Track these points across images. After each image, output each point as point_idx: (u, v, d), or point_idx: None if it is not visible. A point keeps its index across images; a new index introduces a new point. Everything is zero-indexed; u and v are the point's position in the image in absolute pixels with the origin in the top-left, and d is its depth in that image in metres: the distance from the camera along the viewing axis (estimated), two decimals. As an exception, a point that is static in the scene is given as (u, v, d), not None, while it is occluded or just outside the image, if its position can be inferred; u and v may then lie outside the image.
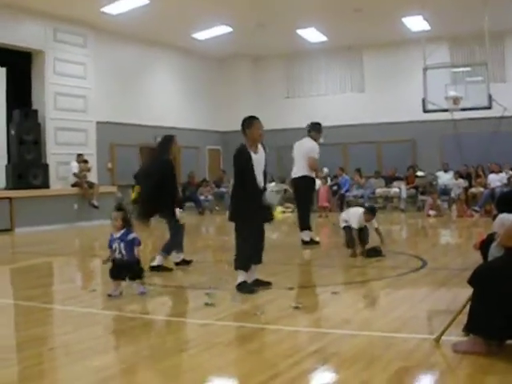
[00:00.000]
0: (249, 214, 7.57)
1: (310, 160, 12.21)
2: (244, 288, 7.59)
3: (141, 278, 7.67)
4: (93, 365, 4.88)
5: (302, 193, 12.63)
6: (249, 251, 7.69)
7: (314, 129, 12.62)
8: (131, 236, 7.62)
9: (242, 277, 7.69)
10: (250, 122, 7.88)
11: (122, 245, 7.60)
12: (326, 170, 22.55)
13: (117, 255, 7.65)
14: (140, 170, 9.94)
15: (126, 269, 7.56)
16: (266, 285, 7.95)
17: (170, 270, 9.78)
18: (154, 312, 6.75)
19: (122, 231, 7.65)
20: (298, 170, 12.52)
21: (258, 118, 7.94)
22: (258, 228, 7.77)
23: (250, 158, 7.66)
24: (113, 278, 7.65)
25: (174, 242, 9.93)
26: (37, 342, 5.68)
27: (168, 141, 10.02)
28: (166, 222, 9.95)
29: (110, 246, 7.73)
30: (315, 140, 12.53)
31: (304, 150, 12.40)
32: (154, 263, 9.78)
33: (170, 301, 7.78)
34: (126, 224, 7.68)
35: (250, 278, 7.87)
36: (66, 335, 5.90)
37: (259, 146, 7.87)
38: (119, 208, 7.90)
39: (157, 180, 9.53)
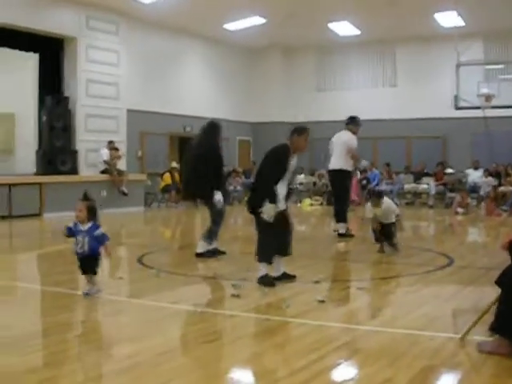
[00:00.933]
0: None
1: (353, 152, 12.29)
2: (265, 281, 7.57)
3: (94, 274, 6.99)
4: (119, 353, 4.93)
5: (339, 185, 12.75)
6: (271, 243, 7.65)
7: (352, 122, 12.71)
8: (99, 232, 6.94)
9: (264, 269, 7.67)
10: (302, 130, 7.87)
11: (87, 239, 6.90)
12: (365, 162, 22.35)
13: (78, 249, 6.94)
14: (189, 154, 9.95)
15: (87, 263, 6.97)
16: (290, 278, 7.95)
17: (222, 253, 9.98)
18: (180, 302, 6.77)
19: (90, 224, 6.95)
20: (336, 162, 12.60)
21: (309, 130, 7.97)
22: (284, 220, 7.75)
23: (289, 160, 7.64)
24: (83, 275, 7.08)
25: (216, 229, 10.01)
26: (63, 328, 5.74)
27: (217, 127, 10.04)
28: (208, 207, 10.03)
29: (70, 235, 7.04)
30: (353, 133, 12.61)
31: (342, 143, 12.48)
32: (199, 250, 9.89)
33: (196, 291, 7.79)
34: (92, 216, 7.01)
35: (276, 270, 7.89)
36: (92, 322, 5.97)
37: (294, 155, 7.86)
38: (85, 198, 7.14)
39: (206, 163, 9.62)
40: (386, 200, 10.51)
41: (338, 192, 12.94)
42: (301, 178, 24.96)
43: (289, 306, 6.52)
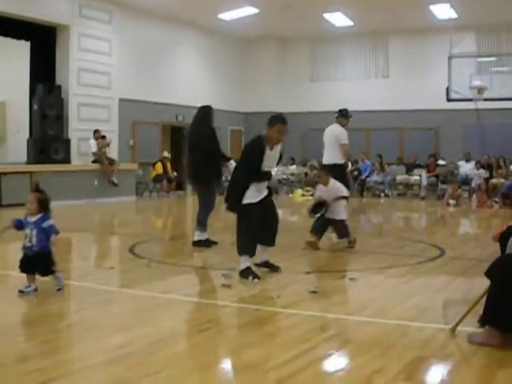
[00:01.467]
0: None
1: (345, 147, 12.24)
2: (247, 274, 7.44)
3: (52, 273, 6.60)
4: (111, 342, 4.93)
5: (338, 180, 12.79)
6: (252, 234, 7.59)
7: (341, 115, 12.64)
8: (48, 223, 6.50)
9: (245, 263, 7.57)
10: (273, 122, 7.62)
11: (35, 232, 6.45)
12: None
13: (27, 243, 6.50)
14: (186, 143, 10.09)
15: (36, 262, 6.50)
16: (275, 269, 7.94)
17: (213, 243, 10.04)
18: (172, 291, 6.77)
19: (39, 216, 6.51)
20: (329, 157, 12.54)
21: (284, 121, 7.64)
22: (266, 210, 7.75)
23: (262, 154, 7.54)
24: (24, 273, 6.60)
25: (205, 215, 10.02)
26: (55, 318, 5.74)
27: (206, 110, 10.10)
28: (199, 194, 10.12)
29: (17, 227, 6.59)
30: (343, 126, 12.56)
31: (333, 137, 12.45)
32: (195, 238, 9.93)
33: (187, 281, 7.80)
34: (43, 208, 6.56)
35: (259, 258, 7.87)
36: (84, 312, 5.96)
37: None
38: (36, 189, 6.74)
39: (199, 149, 9.76)
40: (334, 181, 10.31)
41: None
42: (292, 168, 25.00)
43: (279, 297, 6.54)
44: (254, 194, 7.53)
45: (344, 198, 10.22)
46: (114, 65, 21.03)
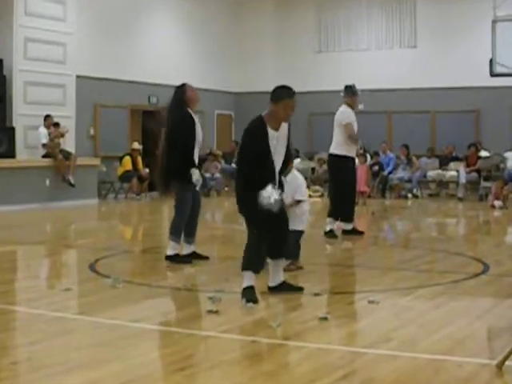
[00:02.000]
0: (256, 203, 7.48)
1: (348, 128, 12.24)
2: (247, 295, 7.44)
3: None
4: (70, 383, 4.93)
5: (335, 174, 12.79)
6: (260, 247, 7.59)
7: (345, 92, 12.65)
8: None
9: (248, 280, 7.57)
10: (279, 96, 7.65)
11: None
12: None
13: None
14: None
15: None
16: (294, 290, 7.96)
17: (202, 258, 10.04)
18: (144, 319, 6.76)
19: None
20: (334, 145, 12.60)
21: (291, 94, 7.70)
22: (276, 217, 7.70)
23: (265, 136, 7.54)
24: None
25: (178, 222, 10.00)
26: (-3, 353, 5.75)
27: (182, 91, 10.07)
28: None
29: None
30: (349, 106, 12.56)
31: (336, 121, 12.48)
32: (169, 252, 9.90)
33: (164, 306, 7.83)
34: None
35: (272, 279, 7.89)
36: (33, 346, 5.94)
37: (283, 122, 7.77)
38: None
39: (171, 141, 9.78)
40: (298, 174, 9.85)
41: (334, 184, 13.03)
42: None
43: (280, 325, 6.52)
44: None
45: (299, 202, 9.39)
46: (71, 33, 20.96)
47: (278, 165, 7.68)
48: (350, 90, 12.66)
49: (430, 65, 24.82)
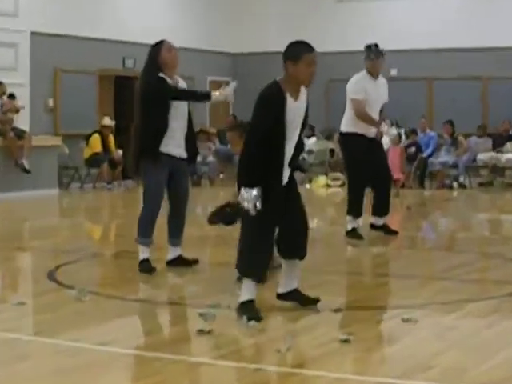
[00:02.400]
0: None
1: (355, 104, 12.21)
2: (248, 311, 7.43)
3: None
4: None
5: (348, 158, 12.82)
6: (264, 248, 7.59)
7: (366, 55, 12.64)
8: None
9: (247, 292, 7.57)
10: (298, 52, 7.56)
11: None
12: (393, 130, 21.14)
13: None
14: None
15: None
16: (308, 302, 7.93)
17: (190, 263, 10.01)
18: (116, 342, 6.75)
19: None
20: (343, 121, 12.62)
21: (311, 48, 7.63)
22: (289, 211, 7.68)
23: (283, 107, 7.48)
24: None
25: (146, 217, 9.98)
26: None
27: (153, 50, 10.01)
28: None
29: None
30: (370, 73, 12.53)
31: (347, 91, 12.50)
32: (140, 255, 9.93)
33: (141, 324, 7.86)
34: None
35: (285, 285, 7.87)
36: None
37: (302, 90, 7.69)
38: None
39: (140, 114, 9.81)
40: None
41: (347, 170, 13.13)
42: (311, 143, 24.77)
43: (290, 349, 6.49)
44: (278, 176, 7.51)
45: None
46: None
47: (289, 152, 7.60)
48: (370, 51, 12.64)
49: (479, 20, 24.70)
